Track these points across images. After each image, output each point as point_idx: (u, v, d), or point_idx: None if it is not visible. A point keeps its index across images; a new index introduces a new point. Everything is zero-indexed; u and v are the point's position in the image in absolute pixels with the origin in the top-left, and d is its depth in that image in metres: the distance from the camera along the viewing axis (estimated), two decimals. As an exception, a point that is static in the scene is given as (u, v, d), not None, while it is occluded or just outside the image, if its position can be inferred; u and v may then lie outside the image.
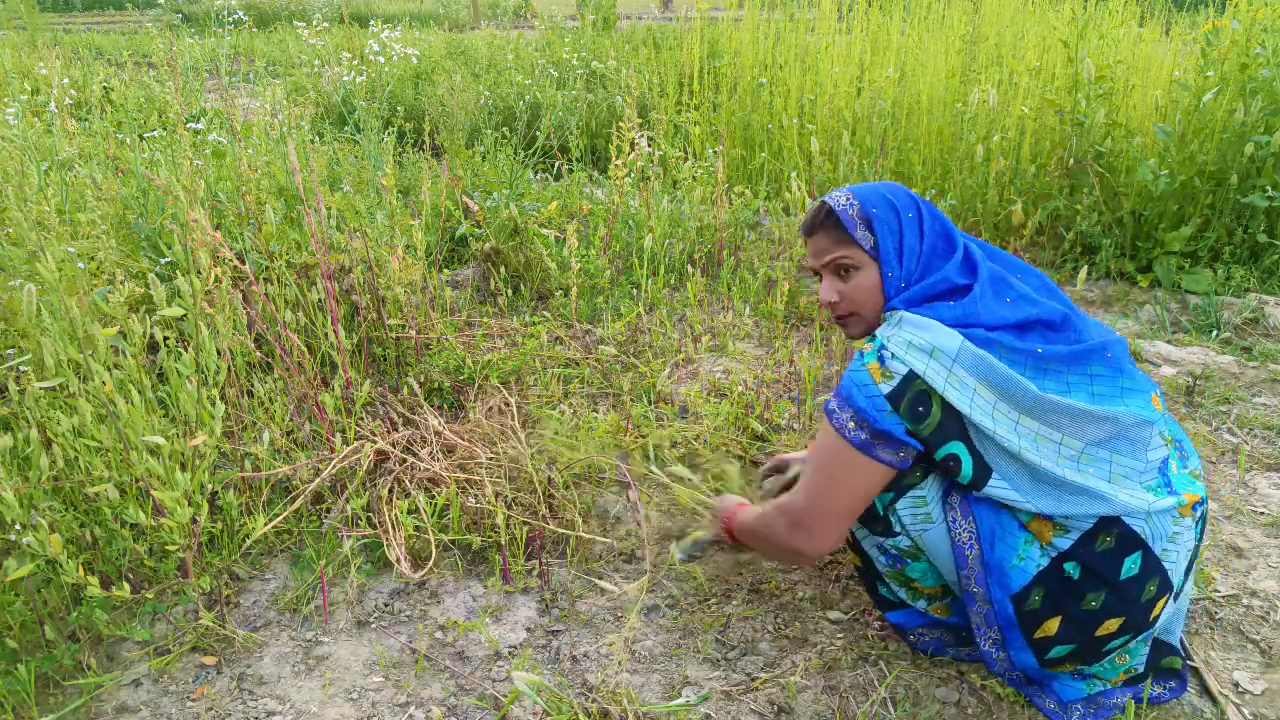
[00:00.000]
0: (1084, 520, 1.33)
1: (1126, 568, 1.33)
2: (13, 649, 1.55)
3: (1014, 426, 1.33)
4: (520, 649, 1.66)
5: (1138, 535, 1.33)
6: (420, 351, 2.53)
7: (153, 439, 1.56)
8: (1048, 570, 1.35)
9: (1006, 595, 1.37)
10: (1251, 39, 3.40)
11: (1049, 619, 1.36)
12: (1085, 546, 1.33)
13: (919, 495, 1.43)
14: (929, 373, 1.33)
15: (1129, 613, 1.35)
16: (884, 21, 4.79)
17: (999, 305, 1.42)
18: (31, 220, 1.72)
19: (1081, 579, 1.33)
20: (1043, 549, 1.35)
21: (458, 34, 9.50)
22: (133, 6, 15.24)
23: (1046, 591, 1.35)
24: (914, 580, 1.52)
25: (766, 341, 2.92)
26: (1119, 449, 1.36)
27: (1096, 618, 1.34)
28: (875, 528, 1.49)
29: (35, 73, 5.68)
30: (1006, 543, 1.36)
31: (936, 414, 1.34)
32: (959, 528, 1.39)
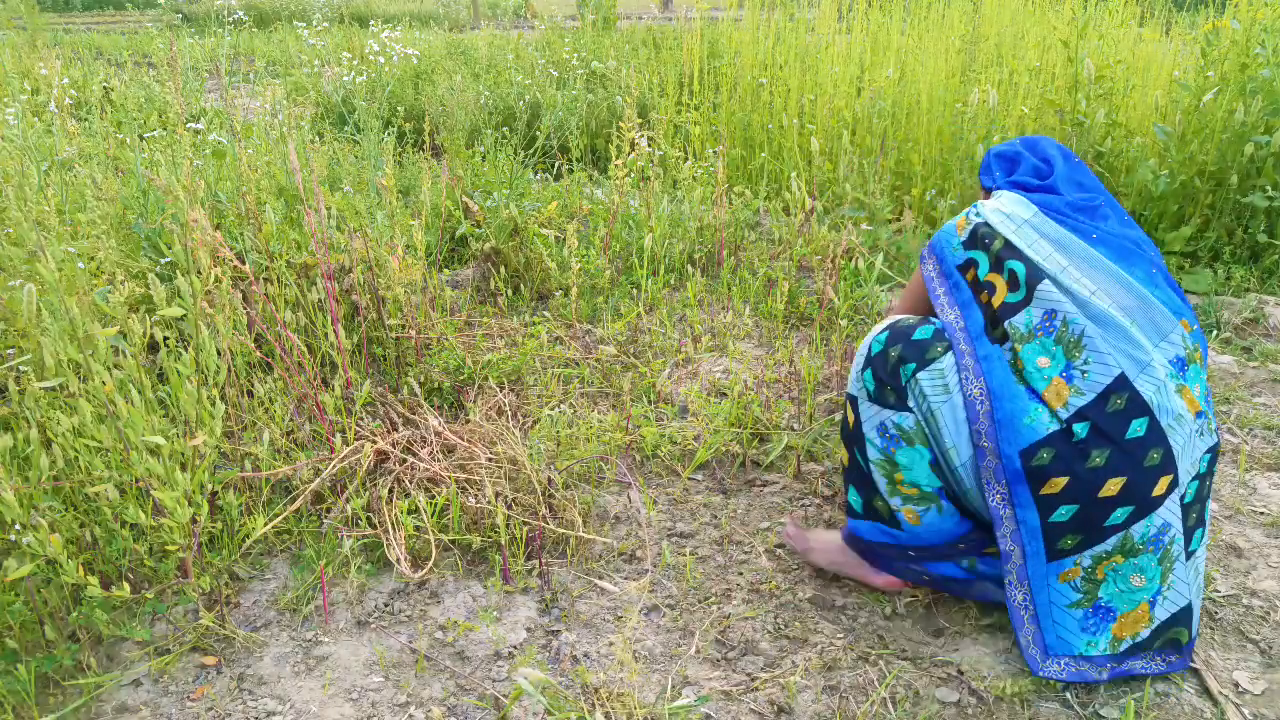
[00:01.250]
0: (1098, 379, 1.46)
1: (1132, 429, 1.45)
2: (13, 649, 1.55)
3: (1062, 269, 1.55)
4: (520, 649, 1.66)
5: (1146, 402, 1.45)
6: (420, 351, 2.53)
7: (153, 439, 1.56)
8: (1057, 433, 1.46)
9: (1015, 449, 1.48)
10: (1251, 39, 3.40)
11: (1056, 476, 1.46)
12: (1097, 407, 1.45)
13: (938, 368, 1.57)
14: (1001, 224, 1.63)
15: (1131, 474, 1.44)
16: (884, 21, 4.79)
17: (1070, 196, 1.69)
18: (31, 220, 1.73)
19: (1089, 437, 1.45)
20: (1053, 415, 1.47)
21: (458, 34, 9.50)
22: (133, 6, 15.24)
23: (1056, 452, 1.46)
24: (898, 470, 1.62)
25: (766, 341, 2.92)
26: (1140, 321, 1.52)
27: (1099, 476, 1.45)
28: (889, 400, 1.61)
29: (35, 73, 5.68)
30: (1017, 405, 1.49)
31: (998, 245, 1.61)
32: (970, 385, 1.54)
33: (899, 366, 1.60)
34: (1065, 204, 1.67)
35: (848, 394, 1.72)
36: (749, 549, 1.95)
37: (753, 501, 2.13)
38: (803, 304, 3.08)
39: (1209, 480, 1.57)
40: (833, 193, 3.88)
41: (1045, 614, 1.54)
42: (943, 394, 1.56)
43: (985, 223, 1.65)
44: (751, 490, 2.18)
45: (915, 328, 1.63)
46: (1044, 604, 1.54)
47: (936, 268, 1.71)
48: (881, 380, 1.62)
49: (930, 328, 1.62)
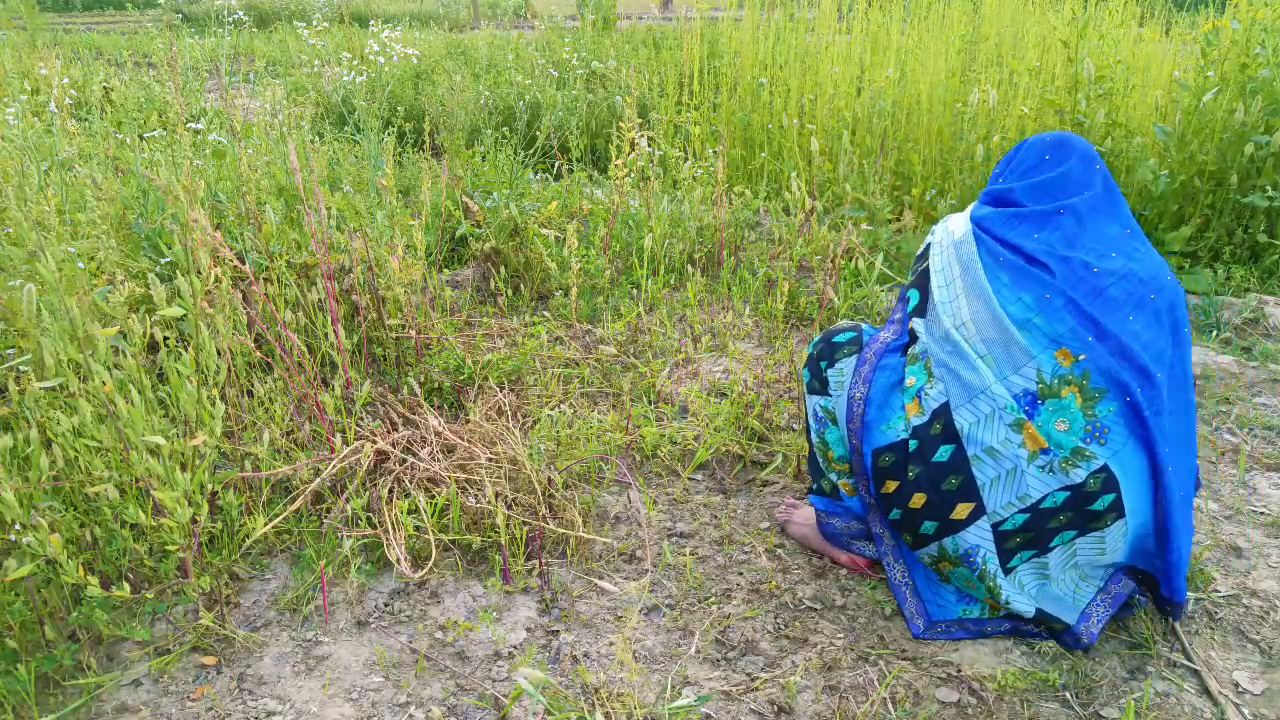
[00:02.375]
0: (931, 404, 1.63)
1: (939, 453, 1.61)
2: (13, 649, 1.55)
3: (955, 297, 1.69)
4: (520, 649, 1.66)
5: (956, 431, 1.60)
6: (420, 351, 2.53)
7: (153, 439, 1.56)
8: (899, 442, 1.66)
9: (869, 449, 1.70)
10: (1251, 39, 3.40)
11: (890, 479, 1.68)
12: (925, 428, 1.63)
13: (839, 367, 1.78)
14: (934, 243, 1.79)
15: (930, 494, 1.62)
16: (884, 21, 4.79)
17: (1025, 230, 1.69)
18: (31, 220, 1.73)
19: (913, 452, 1.64)
20: (906, 426, 1.66)
21: (458, 34, 9.50)
22: (133, 6, 15.24)
23: (895, 459, 1.67)
24: (829, 448, 1.82)
25: (766, 341, 2.92)
26: (996, 354, 1.61)
27: (911, 488, 1.64)
28: (817, 387, 1.83)
29: (35, 73, 5.68)
30: (884, 411, 1.70)
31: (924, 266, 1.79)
32: (855, 389, 1.74)
33: (819, 362, 1.82)
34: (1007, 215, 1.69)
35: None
36: (749, 549, 1.95)
37: (753, 501, 2.13)
38: (803, 304, 3.08)
39: (1065, 515, 1.57)
40: (833, 193, 3.88)
41: (925, 587, 1.74)
42: (839, 390, 1.78)
43: (930, 242, 1.81)
44: (751, 490, 2.18)
45: (842, 331, 1.84)
46: (921, 579, 1.75)
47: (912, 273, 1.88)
48: (812, 373, 1.84)
49: (851, 334, 1.82)
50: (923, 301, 1.75)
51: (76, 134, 3.62)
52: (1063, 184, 1.68)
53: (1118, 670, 1.58)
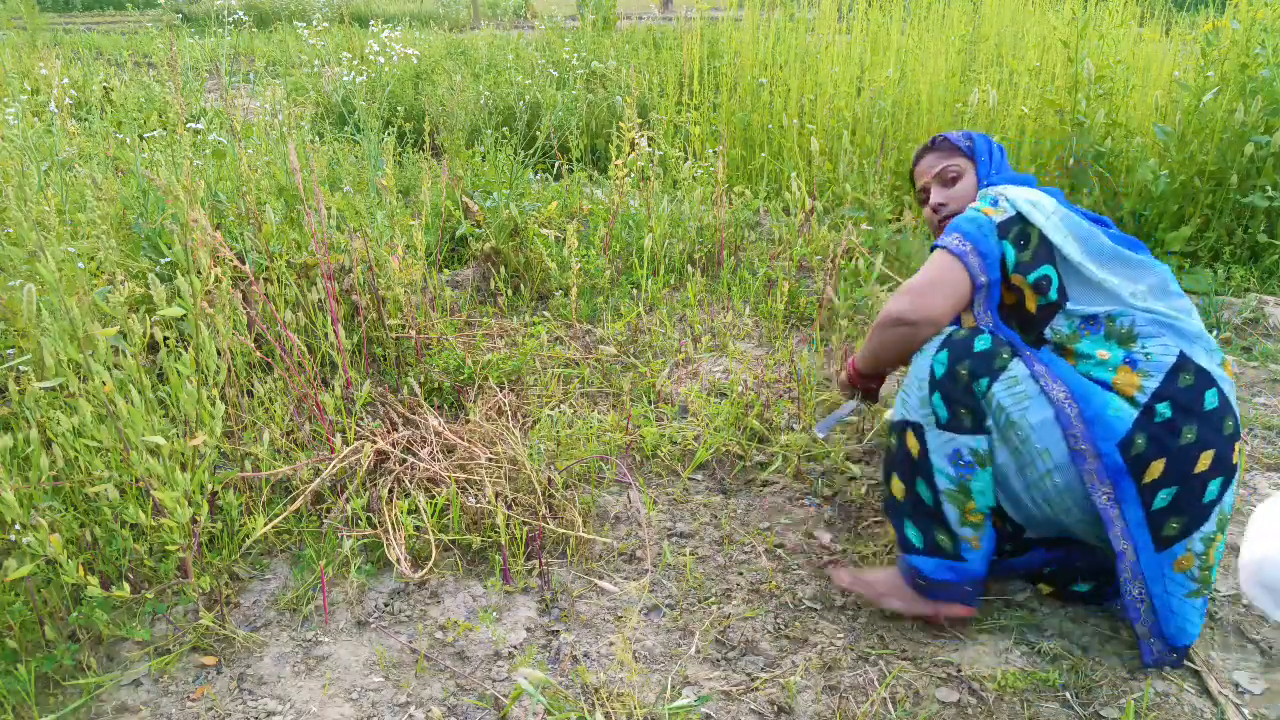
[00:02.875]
0: (1163, 359, 1.51)
1: (1208, 400, 1.49)
2: (13, 649, 1.55)
3: (1097, 268, 1.60)
4: (520, 649, 1.66)
5: (1210, 374, 1.50)
6: (420, 351, 2.53)
7: (153, 439, 1.56)
8: (1142, 417, 1.47)
9: (1113, 443, 1.47)
10: (1251, 39, 3.40)
11: (1154, 460, 1.47)
12: (1170, 385, 1.49)
13: (1010, 376, 1.53)
14: (1033, 214, 1.63)
15: (1218, 445, 1.47)
16: (884, 21, 4.79)
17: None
18: (31, 220, 1.73)
19: (1174, 415, 1.47)
20: (1131, 403, 1.49)
21: (458, 34, 9.50)
22: (133, 6, 15.24)
23: (1148, 435, 1.47)
24: (971, 499, 1.56)
25: (766, 341, 2.92)
26: (1173, 304, 1.59)
27: (1192, 451, 1.46)
28: (964, 424, 1.55)
29: (35, 73, 5.68)
30: (1099, 397, 1.50)
31: (1035, 242, 1.62)
32: (1053, 389, 1.51)
33: (971, 384, 1.53)
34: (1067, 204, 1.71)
35: (903, 421, 1.62)
36: (749, 549, 1.95)
37: (753, 501, 2.13)
38: (803, 304, 3.08)
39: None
40: (833, 193, 3.88)
41: (1163, 605, 1.53)
42: (1024, 400, 1.51)
43: (1018, 213, 1.63)
44: (751, 490, 2.18)
45: (971, 340, 1.56)
46: (1160, 594, 1.53)
47: (978, 261, 1.63)
48: (955, 402, 1.54)
49: (987, 336, 1.56)
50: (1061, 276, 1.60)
51: (76, 134, 3.62)
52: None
53: (1118, 670, 1.58)
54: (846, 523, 2.05)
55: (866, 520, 2.05)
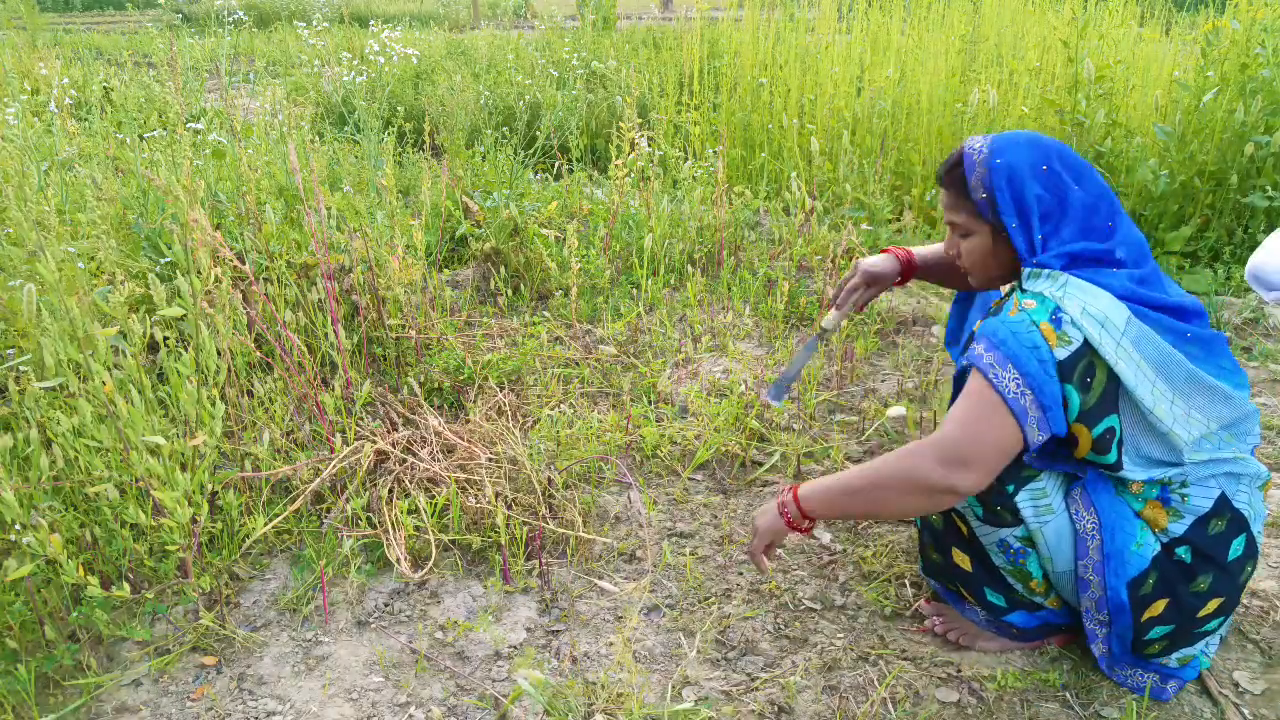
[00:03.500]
0: (1199, 504, 1.40)
1: (1234, 550, 1.41)
2: (13, 649, 1.55)
3: (1169, 403, 1.35)
4: (520, 649, 1.66)
5: (1244, 518, 1.41)
6: (420, 351, 2.53)
7: (153, 439, 1.56)
8: (1161, 556, 1.40)
9: (1122, 582, 1.40)
10: (1251, 39, 3.40)
11: (1157, 600, 1.41)
12: (1198, 532, 1.39)
13: (1038, 488, 1.42)
14: (1102, 343, 1.30)
15: (1229, 593, 1.43)
16: (884, 21, 4.79)
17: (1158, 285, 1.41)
18: (31, 220, 1.73)
19: (1193, 562, 1.39)
20: (1156, 536, 1.41)
21: (458, 34, 9.50)
22: (133, 6, 15.24)
23: (1160, 576, 1.40)
24: (1031, 578, 1.51)
25: (766, 341, 2.92)
26: (1237, 434, 1.43)
27: (1202, 599, 1.42)
28: (1005, 520, 1.45)
29: (35, 73, 5.68)
30: (1126, 531, 1.40)
31: (1100, 384, 1.33)
32: (1082, 519, 1.42)
33: (1000, 486, 1.41)
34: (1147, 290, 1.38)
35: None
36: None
37: (753, 501, 2.13)
38: (803, 304, 3.08)
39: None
40: (833, 193, 3.88)
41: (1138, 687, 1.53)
42: (1046, 515, 1.43)
43: (1085, 342, 1.31)
44: (751, 490, 2.18)
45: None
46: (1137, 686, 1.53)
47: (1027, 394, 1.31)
48: (988, 503, 1.44)
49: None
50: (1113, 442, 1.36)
51: (76, 134, 3.62)
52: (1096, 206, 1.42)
53: (1118, 670, 1.58)
54: (846, 523, 2.05)
55: (867, 520, 2.05)
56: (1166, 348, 1.34)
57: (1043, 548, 1.46)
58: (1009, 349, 1.32)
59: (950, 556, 1.59)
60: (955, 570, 1.59)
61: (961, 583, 1.60)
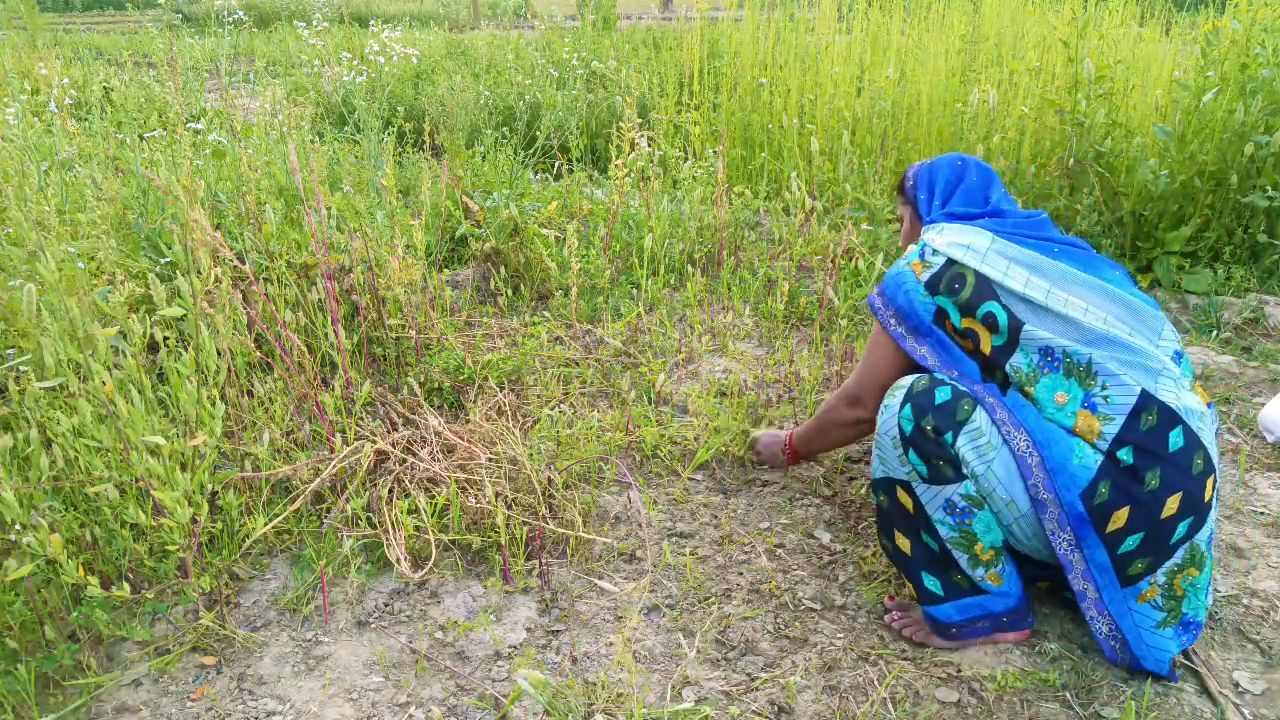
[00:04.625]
0: (1123, 401, 1.46)
1: (1173, 441, 1.45)
2: (13, 649, 1.55)
3: (1046, 293, 1.54)
4: (520, 649, 1.66)
5: (1174, 411, 1.45)
6: (420, 351, 2.53)
7: (153, 439, 1.56)
8: (1105, 463, 1.45)
9: (1075, 494, 1.45)
10: (1251, 39, 3.40)
11: (1118, 509, 1.45)
12: (1131, 429, 1.45)
13: (973, 428, 1.50)
14: (965, 257, 1.60)
15: (1185, 486, 1.44)
16: (884, 21, 4.79)
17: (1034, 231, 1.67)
18: (31, 220, 1.73)
19: (1137, 460, 1.44)
20: (1094, 448, 1.46)
21: (458, 34, 9.50)
22: (133, 6, 15.24)
23: (1112, 482, 1.45)
24: (977, 540, 1.54)
25: (766, 341, 2.92)
26: (1137, 326, 1.54)
27: (1159, 497, 1.44)
28: (946, 473, 1.52)
29: (35, 73, 5.68)
30: (1062, 446, 1.47)
31: (971, 283, 1.58)
32: (1015, 439, 1.49)
33: (938, 438, 1.51)
34: (1015, 224, 1.67)
35: (888, 479, 1.60)
36: (749, 549, 1.95)
37: (753, 501, 2.13)
38: (803, 304, 3.08)
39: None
40: (833, 193, 3.88)
41: (1135, 639, 1.52)
42: (988, 452, 1.50)
43: (949, 260, 1.62)
44: (751, 490, 2.18)
45: (933, 392, 1.53)
46: (1131, 628, 1.52)
47: (902, 322, 1.67)
48: (930, 456, 1.52)
49: (948, 388, 1.53)
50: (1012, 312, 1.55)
51: (76, 134, 3.62)
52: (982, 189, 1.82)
53: (1117, 670, 1.58)
54: (846, 522, 2.05)
55: (866, 520, 2.05)
56: (1032, 252, 1.59)
57: (1000, 491, 1.50)
58: (887, 291, 1.71)
59: (894, 539, 1.65)
60: (898, 554, 1.66)
61: (902, 568, 1.66)
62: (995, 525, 1.54)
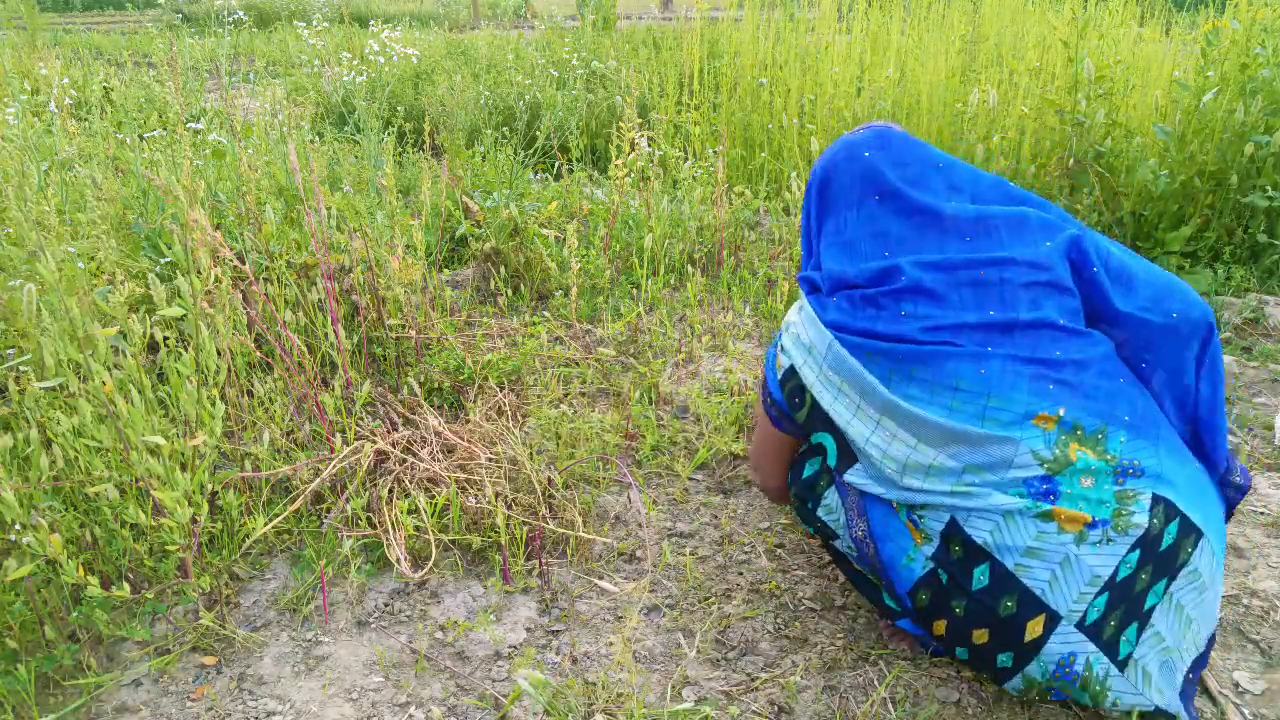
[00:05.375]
0: (934, 525, 1.38)
1: (976, 579, 1.36)
2: (13, 649, 1.55)
3: (875, 426, 1.40)
4: (520, 649, 1.66)
5: (979, 546, 1.34)
6: (420, 351, 2.53)
7: (153, 439, 1.56)
8: (927, 575, 1.42)
9: (904, 591, 1.45)
10: (1251, 39, 3.40)
11: (938, 619, 1.43)
12: (943, 554, 1.39)
13: (826, 504, 1.55)
14: (804, 370, 1.48)
15: (991, 625, 1.36)
16: (884, 21, 4.79)
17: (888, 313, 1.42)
18: (31, 220, 1.73)
19: (948, 584, 1.39)
20: (922, 556, 1.42)
21: (458, 34, 9.50)
22: (133, 6, 15.25)
23: (932, 592, 1.42)
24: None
25: (766, 341, 2.92)
26: (972, 461, 1.35)
27: (966, 624, 1.39)
28: (825, 531, 1.59)
29: (35, 73, 5.68)
30: (897, 543, 1.43)
31: (808, 405, 1.50)
32: (855, 527, 1.49)
33: (803, 506, 1.59)
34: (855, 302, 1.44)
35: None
36: (749, 549, 1.95)
37: (753, 501, 2.13)
38: (803, 304, 3.08)
39: (1145, 572, 1.33)
40: (833, 193, 3.87)
41: None
42: (839, 526, 1.54)
43: (791, 368, 1.50)
44: (751, 490, 2.18)
45: (803, 464, 1.59)
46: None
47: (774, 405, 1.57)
48: (810, 522, 1.61)
49: (815, 461, 1.56)
50: (843, 447, 1.47)
51: (76, 134, 3.62)
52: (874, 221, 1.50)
53: (1118, 670, 1.58)
54: (846, 523, 2.05)
55: (866, 520, 2.05)
56: (859, 370, 1.40)
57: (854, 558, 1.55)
58: (767, 368, 1.60)
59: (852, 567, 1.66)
60: (858, 579, 1.66)
61: (865, 593, 1.65)
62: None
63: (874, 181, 1.53)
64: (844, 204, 1.55)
